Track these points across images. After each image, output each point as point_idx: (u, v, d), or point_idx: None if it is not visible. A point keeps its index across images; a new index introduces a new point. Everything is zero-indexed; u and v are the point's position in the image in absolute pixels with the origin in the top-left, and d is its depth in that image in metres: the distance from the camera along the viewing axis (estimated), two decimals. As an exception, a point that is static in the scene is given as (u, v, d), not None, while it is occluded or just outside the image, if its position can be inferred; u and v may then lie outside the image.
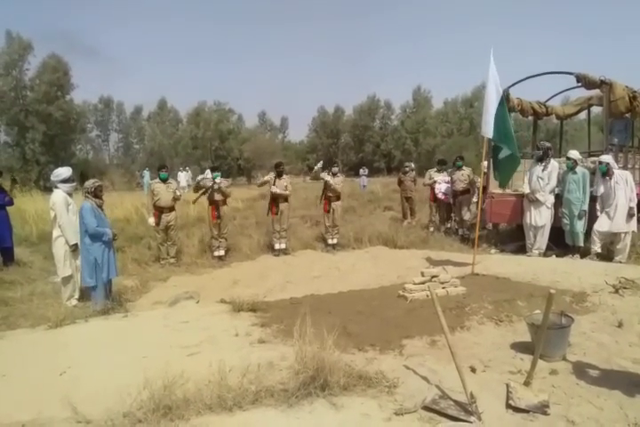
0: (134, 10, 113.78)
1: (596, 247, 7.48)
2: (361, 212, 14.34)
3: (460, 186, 9.97)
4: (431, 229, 10.61)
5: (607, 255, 7.53)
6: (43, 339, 4.37)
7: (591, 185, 7.65)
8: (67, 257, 5.87)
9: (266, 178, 9.02)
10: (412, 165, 13.12)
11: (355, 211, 14.31)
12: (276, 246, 8.88)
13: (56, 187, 5.95)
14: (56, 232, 5.86)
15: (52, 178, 6.01)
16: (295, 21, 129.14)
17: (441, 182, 10.55)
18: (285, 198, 8.95)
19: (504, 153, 6.50)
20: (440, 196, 10.52)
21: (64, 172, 6.00)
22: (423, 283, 5.23)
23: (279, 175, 8.84)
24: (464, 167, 10.12)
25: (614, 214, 7.32)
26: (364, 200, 17.42)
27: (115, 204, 13.61)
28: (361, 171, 28.63)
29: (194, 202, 9.32)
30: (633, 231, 7.39)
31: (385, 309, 4.88)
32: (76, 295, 5.96)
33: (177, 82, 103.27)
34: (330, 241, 9.26)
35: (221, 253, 8.65)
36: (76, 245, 5.76)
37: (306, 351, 3.23)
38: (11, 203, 8.34)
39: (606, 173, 7.38)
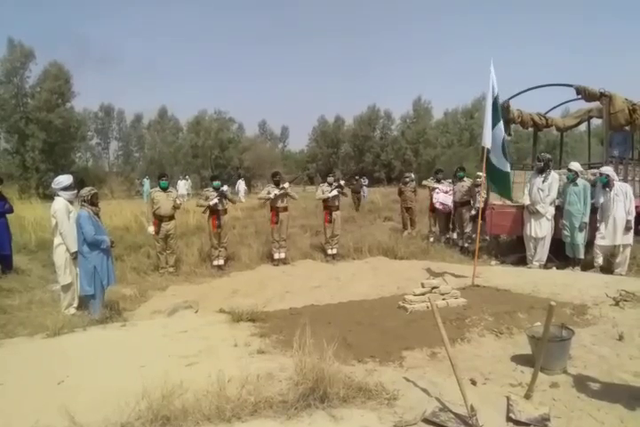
0: (135, 19, 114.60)
1: (599, 261, 7.48)
2: (361, 222, 14.35)
3: (460, 197, 9.98)
4: (431, 239, 10.60)
5: (608, 268, 7.52)
6: (41, 347, 4.35)
7: (592, 197, 7.67)
8: (67, 265, 5.84)
9: (267, 196, 8.85)
10: (413, 176, 13.16)
11: (355, 221, 14.32)
12: (276, 256, 8.86)
13: (57, 195, 5.96)
14: (57, 240, 5.84)
15: (53, 186, 6.02)
16: (297, 33, 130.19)
17: (439, 192, 10.55)
18: (285, 208, 8.95)
19: (498, 166, 6.56)
20: (437, 205, 10.51)
21: (65, 179, 6.00)
22: (423, 294, 5.22)
23: (276, 184, 8.84)
24: (465, 178, 10.14)
25: (613, 227, 7.33)
26: (364, 210, 17.44)
27: (114, 212, 13.64)
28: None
29: (204, 212, 8.87)
30: (631, 244, 7.39)
31: (385, 320, 4.86)
32: (75, 304, 5.92)
33: (178, 90, 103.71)
34: (329, 251, 9.23)
35: (221, 262, 8.64)
36: (76, 252, 5.74)
37: (305, 362, 3.22)
38: (10, 210, 8.34)
39: (607, 184, 7.40)
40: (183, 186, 27.02)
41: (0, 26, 76.17)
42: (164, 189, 8.49)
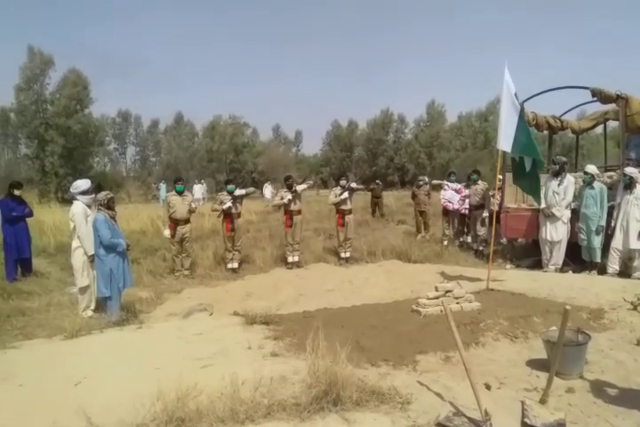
0: (150, 25, 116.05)
1: (615, 266, 7.38)
2: (374, 225, 14.32)
3: (475, 200, 9.92)
4: (445, 243, 10.54)
5: (625, 272, 7.41)
6: (59, 349, 4.43)
7: (608, 200, 7.57)
8: (85, 267, 5.94)
9: (281, 202, 8.92)
10: (426, 179, 13.07)
11: (368, 224, 14.29)
12: (290, 259, 8.89)
13: (75, 199, 6.07)
14: (75, 243, 5.95)
15: (72, 190, 6.14)
16: (310, 36, 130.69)
17: (447, 189, 10.47)
18: (299, 211, 8.98)
19: (528, 164, 6.52)
20: (443, 202, 10.43)
21: (83, 184, 6.11)
22: (437, 298, 5.18)
23: (289, 188, 8.88)
24: (479, 182, 10.06)
25: (627, 231, 7.25)
26: (378, 213, 17.39)
27: (131, 216, 13.83)
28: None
29: (219, 216, 8.94)
30: None
31: (398, 323, 4.84)
32: (92, 306, 6.01)
33: (193, 96, 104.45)
34: (343, 255, 9.24)
35: (235, 265, 8.69)
36: (93, 255, 5.82)
37: (318, 365, 3.23)
38: (30, 214, 8.48)
39: (629, 185, 7.30)
40: (199, 190, 27.26)
41: (21, 34, 77.72)
42: (180, 194, 8.58)
